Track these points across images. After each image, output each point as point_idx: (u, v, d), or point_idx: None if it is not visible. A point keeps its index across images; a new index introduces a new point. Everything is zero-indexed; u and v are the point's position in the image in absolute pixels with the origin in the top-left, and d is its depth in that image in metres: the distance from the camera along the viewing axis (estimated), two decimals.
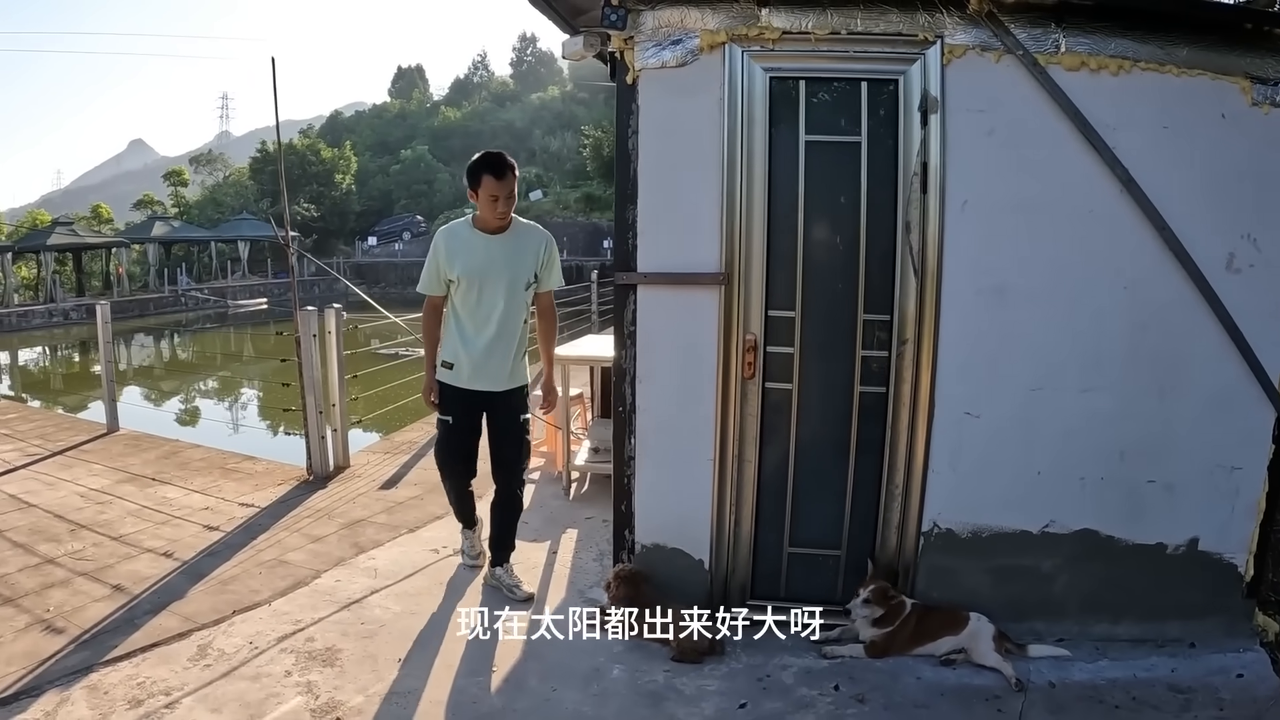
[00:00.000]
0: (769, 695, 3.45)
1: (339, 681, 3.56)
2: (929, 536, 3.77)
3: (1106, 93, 3.49)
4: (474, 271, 4.04)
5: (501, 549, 4.38)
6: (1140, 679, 3.50)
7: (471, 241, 4.08)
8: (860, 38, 3.59)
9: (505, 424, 4.24)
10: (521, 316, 4.16)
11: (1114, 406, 3.62)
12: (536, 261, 4.13)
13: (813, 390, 3.79)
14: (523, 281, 4.10)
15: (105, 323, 7.93)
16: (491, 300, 4.06)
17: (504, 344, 4.12)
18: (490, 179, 3.88)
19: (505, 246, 4.07)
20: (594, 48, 3.88)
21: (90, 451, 7.13)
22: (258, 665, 3.67)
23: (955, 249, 3.60)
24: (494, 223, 4.02)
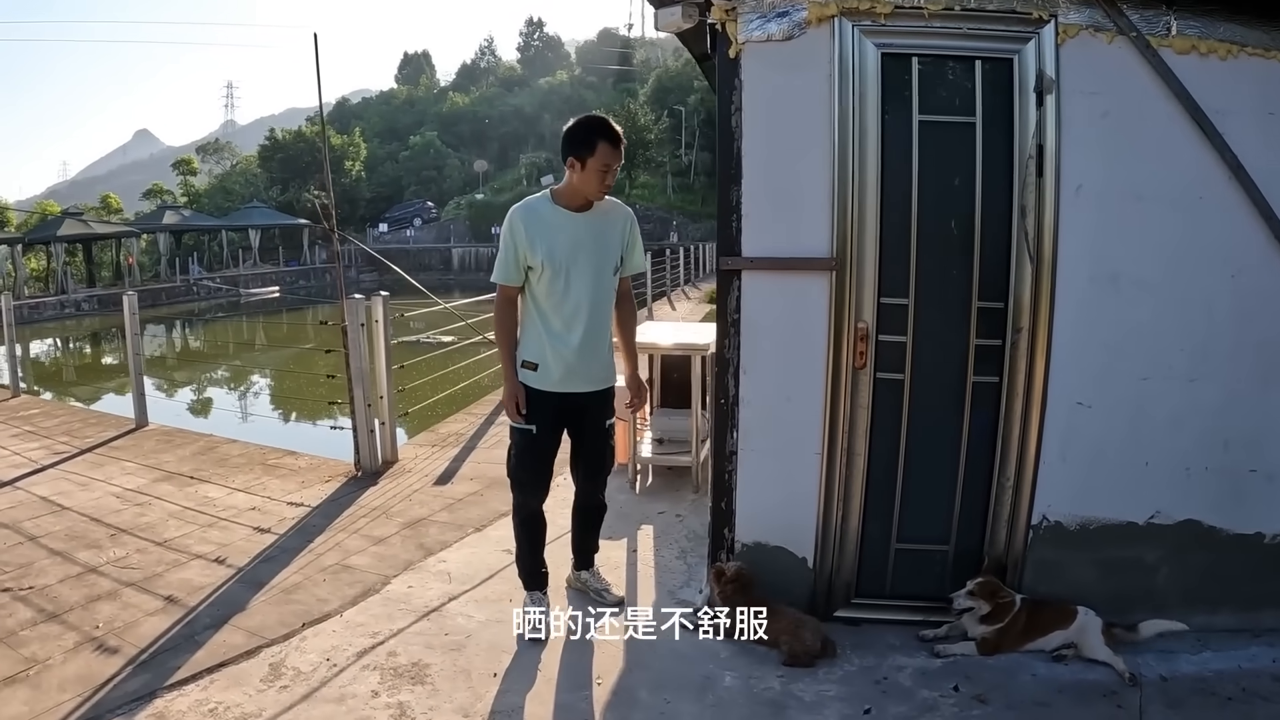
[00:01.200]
0: (891, 699, 2.87)
1: (434, 701, 2.85)
2: (1038, 530, 3.20)
3: (1215, 77, 2.97)
4: (561, 255, 3.13)
5: (586, 552, 3.64)
6: (1245, 670, 3.00)
7: (555, 221, 3.15)
8: (974, 14, 3.02)
9: (596, 427, 3.36)
10: (608, 308, 3.28)
11: (1220, 396, 3.11)
12: (622, 242, 3.27)
13: (924, 380, 3.19)
14: (611, 265, 3.23)
15: (133, 313, 6.80)
16: (581, 288, 3.16)
17: (597, 338, 3.24)
18: (607, 146, 3.03)
19: (593, 226, 3.18)
20: (691, 19, 3.22)
21: (121, 448, 6.12)
22: (340, 685, 2.95)
23: (1069, 235, 3.05)
24: (595, 197, 3.15)
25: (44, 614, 3.43)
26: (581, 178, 3.11)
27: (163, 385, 14.32)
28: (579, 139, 3.07)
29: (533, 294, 3.24)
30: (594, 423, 3.36)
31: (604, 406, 3.38)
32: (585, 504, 3.55)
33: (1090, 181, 3.04)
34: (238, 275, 33.49)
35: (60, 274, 28.04)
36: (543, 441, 3.30)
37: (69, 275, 28.50)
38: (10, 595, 3.59)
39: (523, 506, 3.41)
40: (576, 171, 3.11)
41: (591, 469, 3.46)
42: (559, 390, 3.24)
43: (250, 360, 17.29)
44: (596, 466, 3.46)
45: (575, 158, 3.09)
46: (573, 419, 3.34)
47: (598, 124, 3.10)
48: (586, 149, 3.06)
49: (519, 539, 3.46)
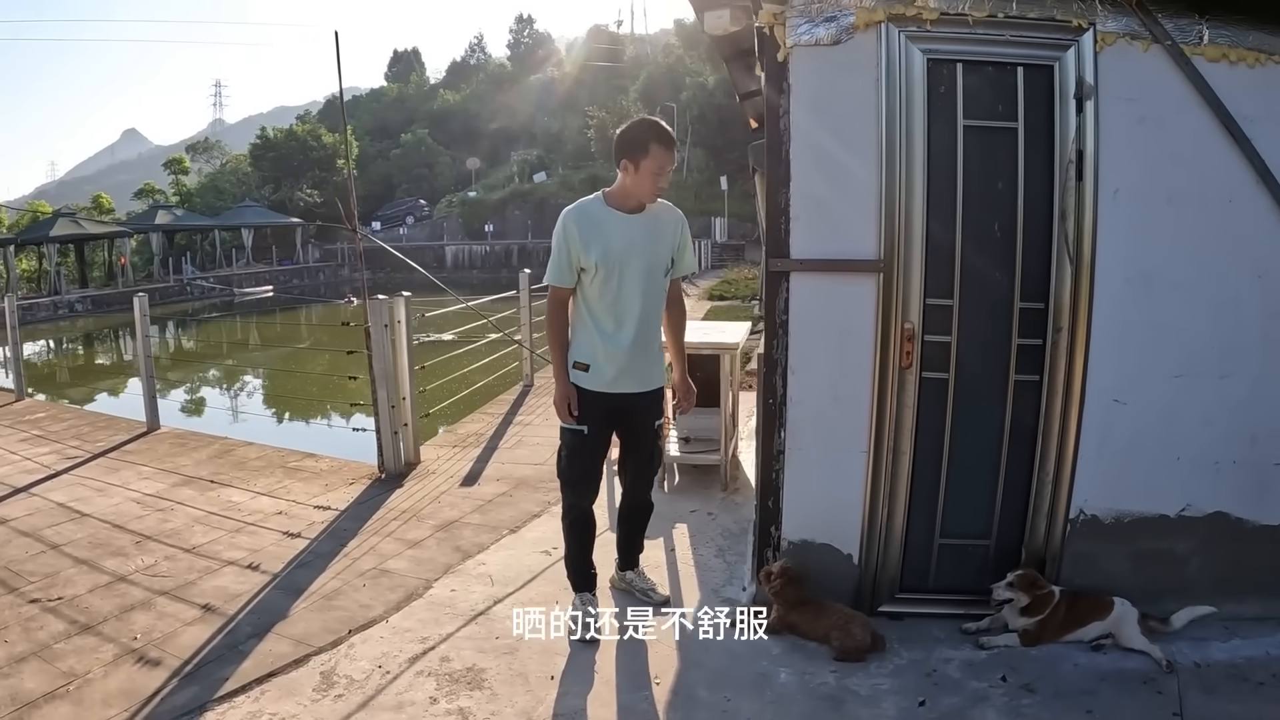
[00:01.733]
0: (942, 690, 2.75)
1: (494, 706, 2.66)
2: (1075, 523, 3.10)
3: (1244, 84, 2.90)
4: (614, 256, 2.96)
5: (631, 553, 3.45)
6: (1274, 656, 2.93)
7: (608, 222, 2.99)
8: (1016, 21, 2.91)
9: (646, 428, 3.18)
10: (658, 309, 3.11)
11: (1247, 392, 3.03)
12: (673, 244, 3.10)
13: (968, 379, 3.07)
14: (662, 266, 3.07)
15: (143, 315, 6.37)
16: (633, 289, 2.99)
17: (648, 339, 3.08)
18: (660, 149, 2.89)
19: (645, 227, 3.01)
20: (740, 22, 3.09)
21: (134, 452, 5.73)
22: (397, 693, 2.73)
23: (1107, 237, 2.95)
24: (648, 200, 2.99)
25: (77, 625, 3.15)
26: (635, 180, 2.94)
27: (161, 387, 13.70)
28: (633, 141, 2.91)
29: (585, 295, 3.06)
30: (644, 423, 3.19)
31: (653, 407, 3.21)
32: (633, 504, 3.35)
33: (1127, 185, 2.95)
34: (231, 275, 32.17)
35: (54, 275, 26.63)
36: (594, 442, 3.13)
37: (62, 276, 27.10)
38: (40, 606, 3.30)
39: (574, 507, 3.22)
40: (630, 174, 2.94)
41: (641, 469, 3.27)
42: (611, 391, 3.07)
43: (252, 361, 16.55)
44: (646, 466, 3.28)
45: (629, 160, 2.92)
46: (623, 419, 3.16)
47: (651, 126, 2.95)
48: (640, 151, 2.90)
49: (569, 540, 3.26)
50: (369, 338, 4.93)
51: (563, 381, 3.09)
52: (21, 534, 4.06)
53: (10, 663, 2.90)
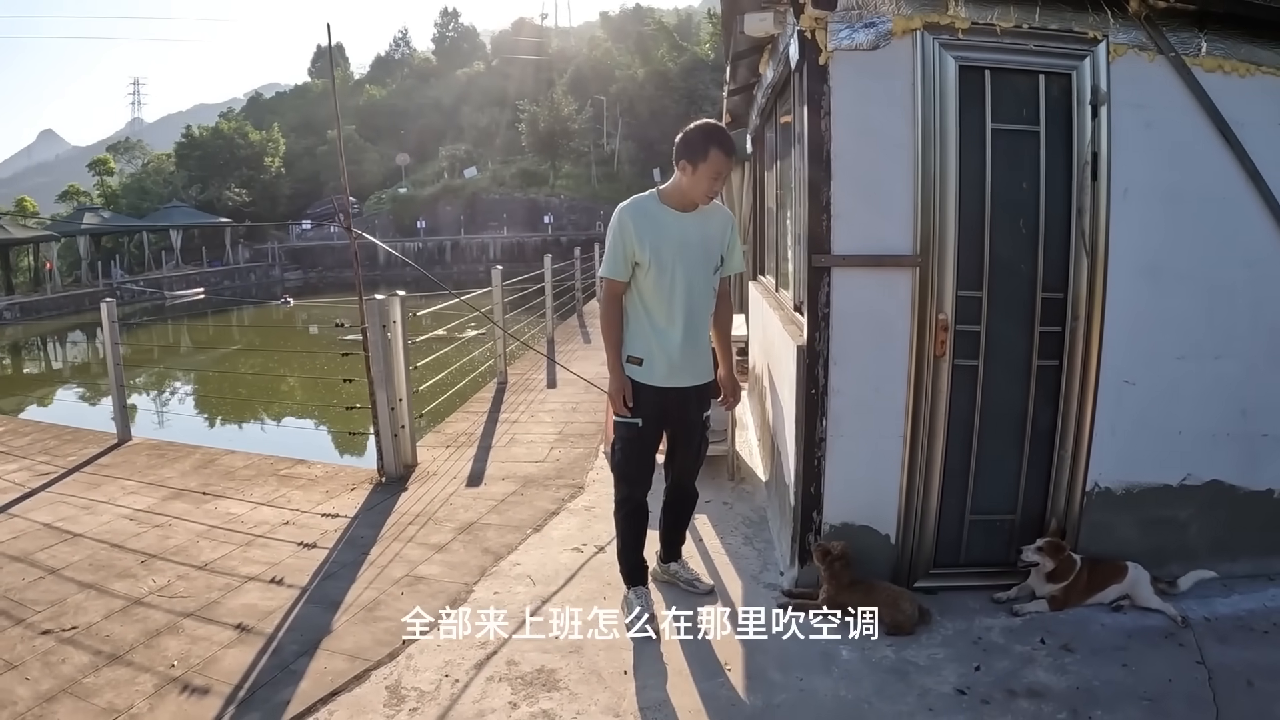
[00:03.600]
0: (992, 655, 2.89)
1: (578, 706, 2.61)
2: (1091, 495, 3.29)
3: (1236, 92, 3.13)
4: (667, 253, 2.99)
5: (674, 544, 3.45)
6: (1270, 608, 3.20)
7: (662, 219, 3.01)
8: (1039, 32, 3.05)
9: (694, 420, 3.20)
10: (707, 304, 3.12)
11: (1239, 371, 3.28)
12: (723, 244, 3.11)
13: (996, 365, 3.21)
14: (712, 265, 3.09)
15: (112, 321, 5.88)
16: (685, 285, 3.01)
17: (698, 334, 3.10)
18: (720, 155, 2.89)
19: (697, 225, 3.04)
20: (781, 25, 3.10)
21: (111, 466, 5.29)
22: (472, 701, 2.64)
23: (1119, 233, 3.13)
24: (702, 201, 3.00)
25: (103, 656, 2.88)
26: (691, 181, 2.95)
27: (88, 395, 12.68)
28: (695, 145, 2.92)
29: (639, 290, 3.06)
30: (694, 416, 3.21)
31: (703, 400, 3.22)
32: (680, 496, 3.37)
33: (1135, 185, 3.13)
34: (161, 277, 30.55)
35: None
36: (648, 435, 3.15)
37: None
38: (55, 638, 3.00)
39: (628, 499, 3.20)
40: (687, 174, 2.94)
41: (689, 462, 3.29)
42: (665, 385, 3.08)
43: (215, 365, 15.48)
44: (694, 459, 3.30)
45: (688, 161, 2.93)
46: (674, 413, 3.15)
47: (713, 132, 2.95)
48: (701, 155, 2.91)
49: (623, 533, 3.24)
50: (366, 339, 4.70)
51: (617, 375, 3.08)
52: (12, 559, 3.69)
53: (40, 702, 2.63)
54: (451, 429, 6.22)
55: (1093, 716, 2.56)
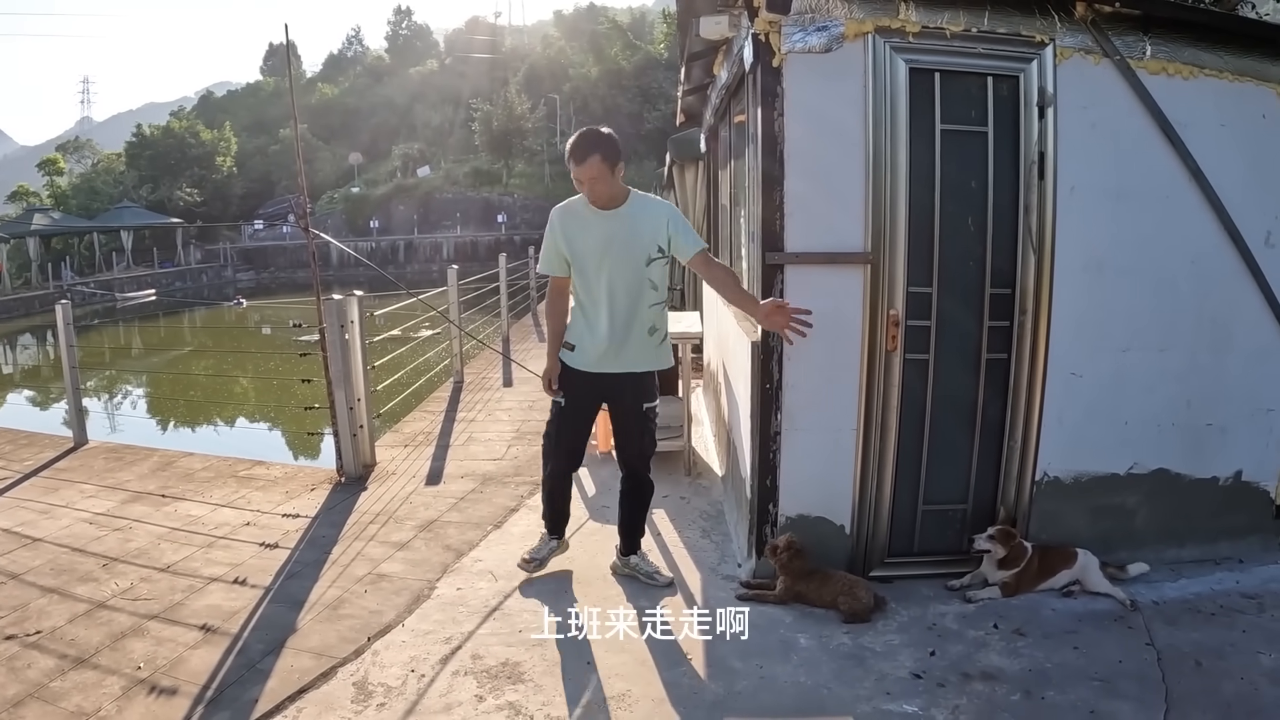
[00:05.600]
0: (947, 641, 3.11)
1: (543, 697, 2.78)
2: (1040, 484, 3.54)
3: (1180, 94, 3.37)
4: (589, 250, 3.32)
5: (632, 536, 3.66)
6: (1217, 591, 3.47)
7: (586, 218, 3.34)
8: (987, 36, 3.26)
9: (632, 407, 3.47)
10: (645, 297, 3.35)
11: (1183, 363, 3.55)
12: (661, 234, 3.32)
13: (946, 359, 3.43)
14: (642, 257, 3.31)
15: (67, 324, 5.92)
16: (609, 279, 3.32)
17: (624, 325, 3.35)
18: (571, 164, 3.24)
19: (622, 221, 3.31)
20: (736, 28, 3.27)
21: (68, 470, 5.37)
22: (439, 695, 2.81)
23: (1065, 230, 3.37)
24: (595, 203, 3.30)
25: (69, 660, 3.01)
26: (581, 187, 3.31)
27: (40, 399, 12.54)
28: (567, 157, 3.28)
29: (574, 284, 3.43)
30: (631, 403, 3.49)
31: (640, 389, 3.47)
32: (634, 485, 3.63)
33: (1081, 183, 3.37)
34: (112, 279, 30.56)
35: None
36: (572, 414, 3.52)
37: None
38: (19, 643, 3.12)
39: (552, 474, 3.64)
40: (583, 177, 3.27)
41: (628, 445, 3.57)
42: (594, 370, 3.42)
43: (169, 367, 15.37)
44: (634, 443, 3.56)
45: (571, 173, 3.30)
46: (610, 399, 3.51)
47: (569, 145, 3.27)
48: (569, 164, 3.27)
49: (545, 498, 3.73)
50: (324, 339, 4.81)
51: (549, 359, 3.53)
52: None
53: (8, 707, 2.76)
54: (409, 428, 6.39)
55: (1045, 697, 2.76)
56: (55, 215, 35.86)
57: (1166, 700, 2.72)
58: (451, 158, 49.95)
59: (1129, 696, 2.75)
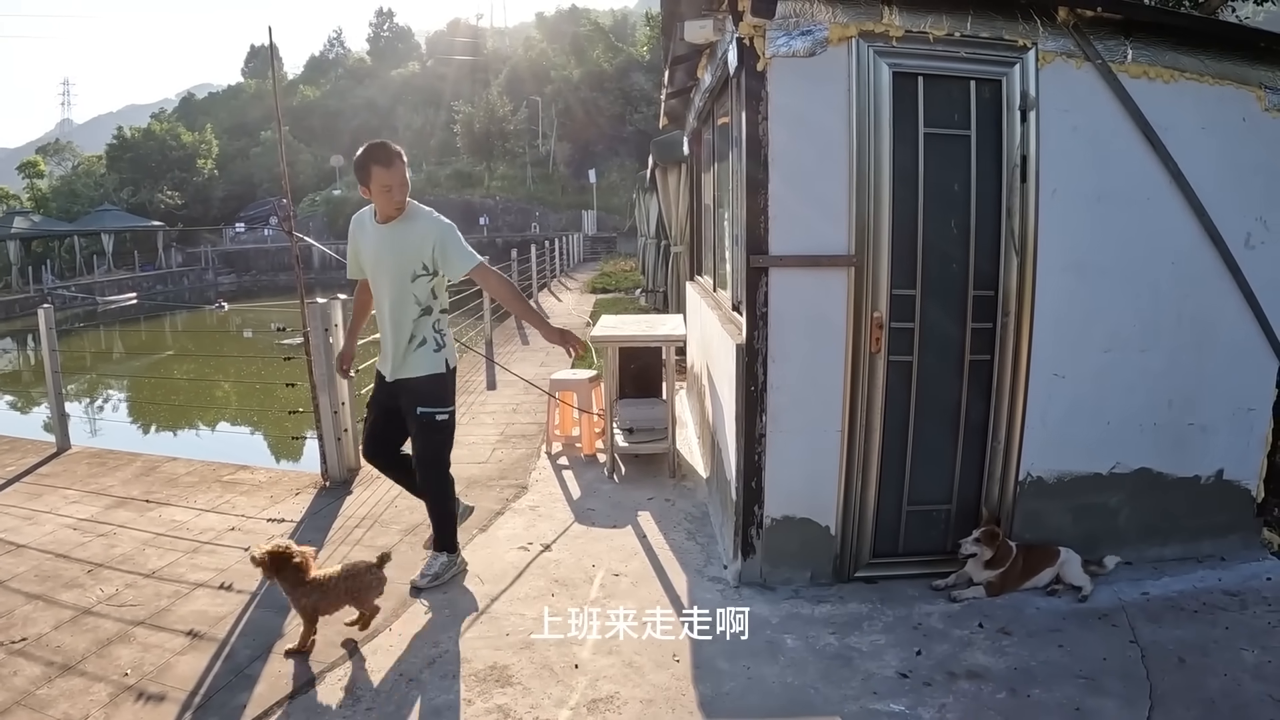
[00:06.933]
0: (933, 640, 3.19)
1: (532, 700, 2.85)
2: (1024, 484, 3.63)
3: (1160, 97, 3.47)
4: (369, 260, 3.60)
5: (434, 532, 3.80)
6: (1199, 589, 3.57)
7: (368, 230, 3.59)
8: (970, 40, 3.34)
9: (407, 413, 3.62)
10: (411, 308, 3.55)
11: (1164, 363, 3.64)
12: (426, 252, 3.50)
13: (930, 361, 3.51)
14: (408, 272, 3.51)
15: (50, 329, 5.94)
16: (383, 288, 3.56)
17: (394, 332, 3.57)
18: (379, 169, 3.38)
19: (393, 235, 3.52)
20: (721, 32, 3.33)
21: (51, 475, 5.37)
22: (429, 698, 2.87)
23: (1047, 232, 3.45)
24: (388, 212, 3.50)
25: (55, 667, 3.05)
26: (373, 197, 3.48)
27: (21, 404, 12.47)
28: (358, 169, 3.46)
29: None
30: (405, 406, 3.64)
31: (413, 395, 3.60)
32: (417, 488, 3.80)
33: (1063, 186, 3.45)
34: (93, 283, 30.68)
35: None
36: (373, 411, 3.77)
37: None
38: (4, 650, 3.15)
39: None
40: (367, 194, 3.49)
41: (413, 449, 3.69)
42: (381, 372, 3.69)
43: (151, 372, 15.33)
44: (414, 448, 3.68)
45: (361, 184, 3.48)
46: (392, 401, 3.67)
47: (370, 150, 3.43)
48: (364, 176, 3.43)
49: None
50: (308, 343, 4.85)
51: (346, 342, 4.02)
52: None
53: None
54: None
55: (1031, 695, 2.84)
56: (35, 218, 36.07)
57: (1151, 697, 2.81)
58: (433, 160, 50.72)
59: (1114, 694, 2.83)
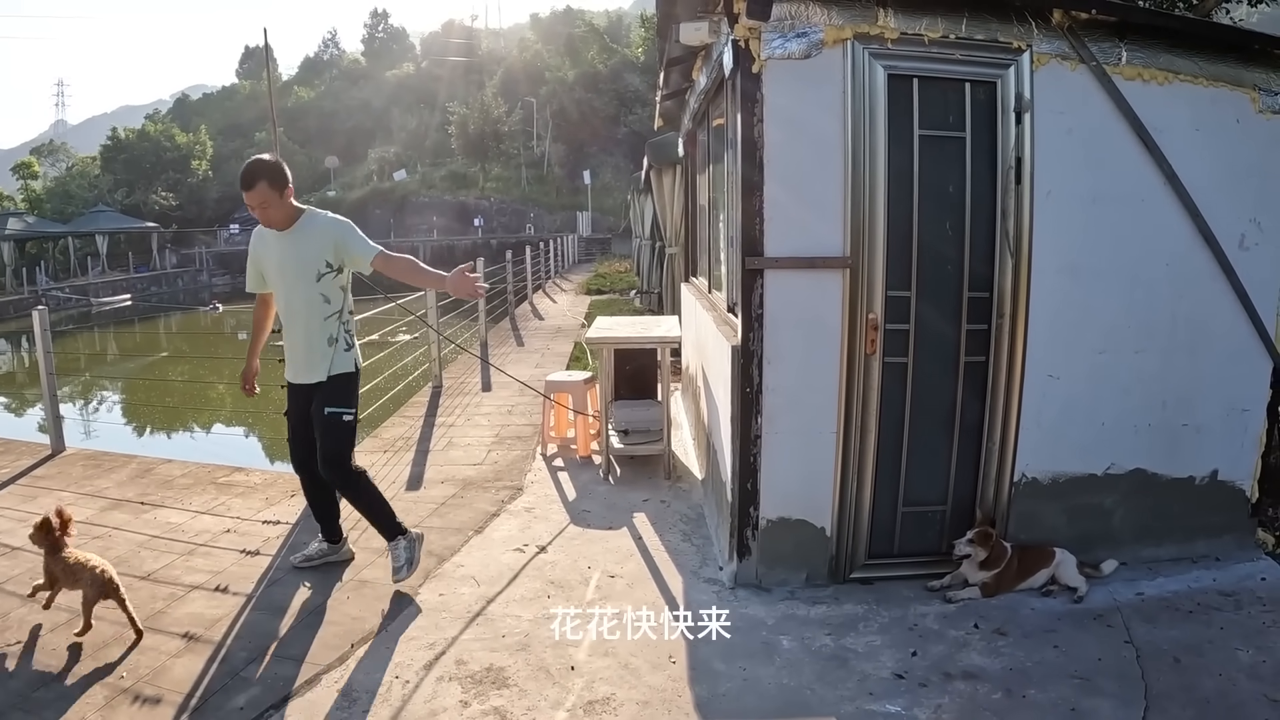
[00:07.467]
0: (928, 641, 3.21)
1: (528, 702, 2.86)
2: (1019, 485, 3.65)
3: (1154, 99, 3.50)
4: (271, 269, 3.68)
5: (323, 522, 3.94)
6: (1194, 589, 3.60)
7: (268, 240, 3.68)
8: (965, 42, 3.37)
9: (317, 414, 3.66)
10: (321, 307, 3.62)
11: (1159, 364, 3.67)
12: (328, 250, 3.60)
13: (924, 362, 3.54)
14: (311, 273, 3.60)
15: (44, 330, 5.93)
16: (292, 294, 3.63)
17: (302, 336, 3.65)
18: (244, 192, 3.54)
19: (294, 240, 3.62)
20: (716, 34, 3.34)
21: (46, 477, 5.37)
22: (425, 700, 2.88)
23: (1041, 234, 3.48)
24: (275, 226, 3.61)
25: (51, 669, 3.05)
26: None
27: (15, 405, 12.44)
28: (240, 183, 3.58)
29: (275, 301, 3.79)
30: (316, 409, 3.68)
31: (322, 395, 3.67)
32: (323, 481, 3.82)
33: (1058, 188, 3.48)
34: (88, 284, 30.73)
35: None
36: (290, 419, 3.81)
37: None
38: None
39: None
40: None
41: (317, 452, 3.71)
42: (294, 381, 3.74)
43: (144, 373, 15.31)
44: (318, 450, 3.70)
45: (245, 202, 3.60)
46: (305, 405, 3.72)
47: (243, 172, 3.53)
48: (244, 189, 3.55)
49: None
50: None
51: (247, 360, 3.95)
52: None
53: None
54: (388, 434, 6.47)
55: (1026, 695, 2.86)
56: (29, 219, 36.18)
57: (1146, 697, 2.83)
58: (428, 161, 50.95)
59: (1109, 694, 2.85)
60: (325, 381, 3.66)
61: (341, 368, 3.68)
